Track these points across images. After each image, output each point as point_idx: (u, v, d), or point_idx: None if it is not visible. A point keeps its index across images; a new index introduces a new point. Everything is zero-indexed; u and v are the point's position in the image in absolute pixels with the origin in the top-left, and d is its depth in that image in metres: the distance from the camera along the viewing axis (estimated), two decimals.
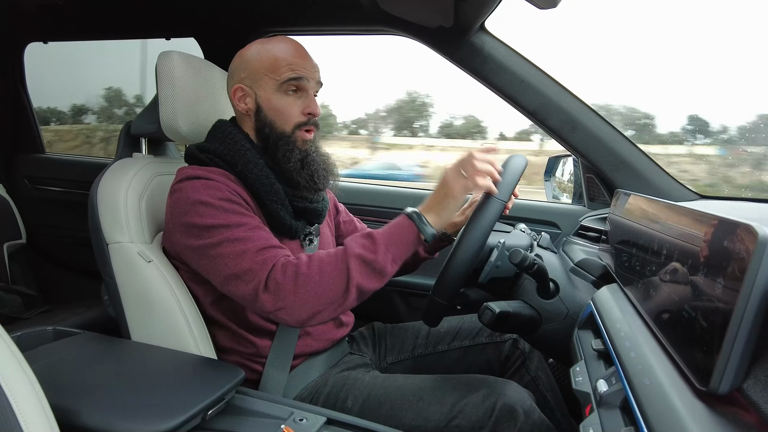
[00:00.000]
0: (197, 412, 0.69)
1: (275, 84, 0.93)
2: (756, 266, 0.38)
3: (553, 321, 0.88)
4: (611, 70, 19.63)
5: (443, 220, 0.85)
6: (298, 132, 0.96)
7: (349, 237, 0.87)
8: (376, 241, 0.83)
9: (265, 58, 0.94)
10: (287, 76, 0.92)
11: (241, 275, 0.81)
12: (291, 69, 0.93)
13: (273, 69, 0.93)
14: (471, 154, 0.84)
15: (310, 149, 0.97)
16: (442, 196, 0.85)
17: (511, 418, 0.81)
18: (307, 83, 0.95)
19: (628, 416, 0.51)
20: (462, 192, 0.84)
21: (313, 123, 0.97)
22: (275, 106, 0.94)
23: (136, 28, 1.74)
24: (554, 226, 1.46)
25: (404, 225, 0.85)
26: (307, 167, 0.96)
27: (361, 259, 0.81)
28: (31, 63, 2.00)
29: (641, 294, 0.67)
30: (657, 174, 1.26)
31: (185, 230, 0.86)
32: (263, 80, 0.94)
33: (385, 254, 0.82)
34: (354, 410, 0.90)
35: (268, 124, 0.95)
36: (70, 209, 1.92)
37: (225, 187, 0.87)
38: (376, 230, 0.86)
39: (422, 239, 0.85)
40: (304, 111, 0.95)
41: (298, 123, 0.95)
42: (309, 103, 0.95)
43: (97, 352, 0.89)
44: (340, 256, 0.82)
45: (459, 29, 1.24)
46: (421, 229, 0.84)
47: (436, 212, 0.85)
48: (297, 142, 0.96)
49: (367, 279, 0.81)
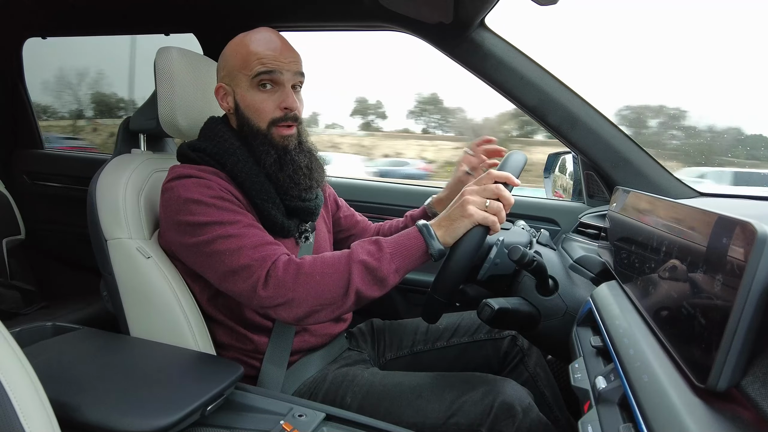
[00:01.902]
0: (196, 407, 0.69)
1: (247, 80, 0.91)
2: (755, 264, 0.38)
3: (552, 318, 0.88)
4: (611, 67, 19.64)
5: (451, 238, 0.82)
6: (275, 128, 0.93)
7: (357, 241, 0.85)
8: (383, 249, 0.82)
9: (239, 54, 0.91)
10: (257, 71, 0.89)
11: (239, 271, 0.81)
12: (261, 63, 0.89)
13: (245, 65, 0.91)
14: (498, 186, 0.82)
15: (289, 146, 0.94)
16: (458, 214, 0.82)
17: (509, 415, 0.81)
18: (281, 76, 0.91)
19: (626, 413, 0.51)
20: (480, 219, 0.80)
21: (292, 117, 0.93)
22: (249, 103, 0.92)
23: (135, 23, 1.73)
24: (553, 222, 1.46)
25: (413, 237, 0.83)
26: (286, 167, 0.93)
27: (364, 265, 0.81)
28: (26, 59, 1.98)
29: (640, 291, 0.67)
30: (656, 171, 1.26)
31: (179, 228, 0.86)
32: (238, 77, 0.92)
33: (389, 264, 0.81)
34: (353, 406, 0.90)
35: (246, 123, 0.93)
36: (69, 205, 1.92)
37: (216, 186, 0.87)
38: (386, 238, 0.85)
39: (429, 254, 0.83)
40: (280, 105, 0.92)
41: (274, 119, 0.92)
42: (285, 98, 0.91)
43: (96, 347, 0.89)
44: (344, 259, 0.82)
45: (459, 25, 1.23)
46: (429, 244, 0.82)
47: (447, 230, 0.82)
48: (274, 140, 0.93)
49: (367, 285, 0.81)
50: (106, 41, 3.50)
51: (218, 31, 1.59)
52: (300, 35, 1.56)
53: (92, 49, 4.43)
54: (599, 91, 22.13)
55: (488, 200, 0.81)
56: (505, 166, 0.88)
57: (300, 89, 0.96)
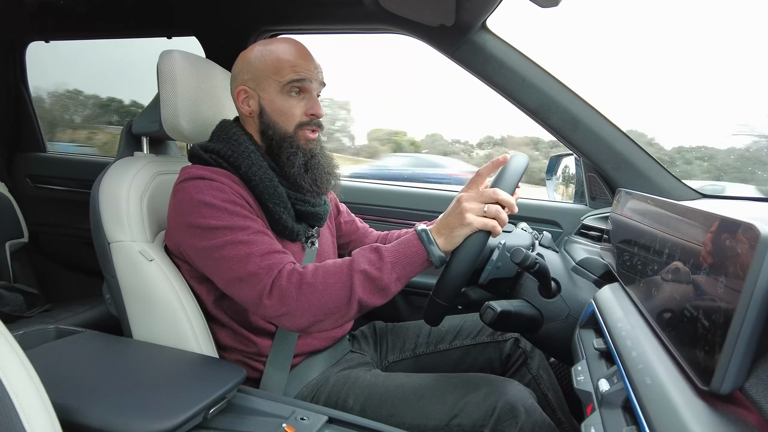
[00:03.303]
0: (198, 411, 0.69)
1: (278, 86, 0.93)
2: (758, 265, 0.38)
3: (555, 320, 0.88)
4: (613, 68, 19.61)
5: (451, 245, 0.81)
6: (301, 131, 0.96)
7: (357, 249, 0.85)
8: (383, 258, 0.82)
9: (268, 59, 0.94)
10: (290, 78, 0.93)
11: (246, 279, 0.81)
12: (294, 70, 0.93)
13: (276, 71, 0.93)
14: (494, 190, 0.81)
15: (315, 149, 0.97)
16: (457, 223, 0.80)
17: (512, 417, 0.81)
18: (310, 84, 0.95)
19: (629, 415, 0.51)
20: (480, 226, 0.79)
21: (316, 123, 0.97)
22: (278, 107, 0.94)
23: (138, 27, 1.74)
24: (556, 225, 1.46)
25: (413, 245, 0.82)
26: (311, 171, 0.96)
27: (365, 275, 0.80)
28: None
29: (643, 293, 0.67)
30: (659, 173, 1.25)
31: (189, 230, 0.86)
32: (266, 82, 0.94)
33: (390, 273, 0.81)
34: (355, 409, 0.90)
35: (271, 126, 0.95)
36: (72, 208, 1.93)
37: (229, 189, 0.87)
38: (385, 246, 0.84)
39: (429, 261, 0.82)
40: (307, 112, 0.96)
41: (301, 123, 0.95)
42: (312, 104, 0.96)
43: (99, 350, 0.90)
44: (346, 269, 0.81)
45: (460, 28, 1.24)
46: (429, 252, 0.81)
47: (446, 238, 0.81)
48: (300, 142, 0.96)
49: (369, 295, 0.81)
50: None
51: (220, 35, 1.60)
52: (302, 37, 1.57)
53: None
54: (601, 92, 21.98)
55: (486, 205, 0.80)
56: (506, 170, 0.88)
57: (319, 97, 1.00)
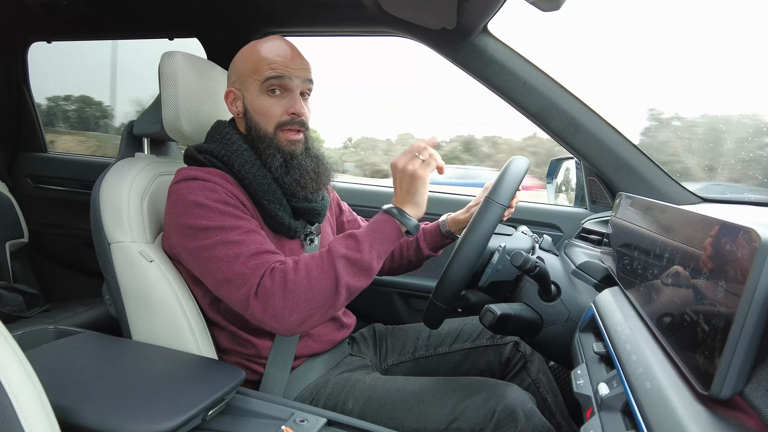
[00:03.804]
0: (197, 412, 0.69)
1: (257, 84, 0.93)
2: (758, 270, 0.38)
3: (555, 324, 0.88)
4: (614, 71, 19.51)
5: (421, 207, 0.86)
6: (281, 132, 0.94)
7: (331, 239, 0.86)
8: (360, 240, 0.83)
9: (250, 59, 0.94)
10: (267, 75, 0.92)
11: (233, 279, 0.81)
12: (271, 68, 0.91)
13: (255, 69, 0.93)
14: (415, 145, 0.86)
15: (296, 150, 0.95)
16: (407, 182, 0.85)
17: (511, 420, 0.81)
18: (290, 82, 0.93)
19: (629, 420, 0.51)
20: (424, 170, 0.84)
21: (299, 123, 0.95)
22: (257, 107, 0.94)
23: (139, 28, 1.75)
24: (556, 228, 1.46)
25: (384, 221, 0.85)
26: (292, 171, 0.94)
27: (347, 259, 0.81)
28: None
29: (643, 297, 0.67)
30: (659, 177, 1.25)
31: (181, 231, 0.86)
32: (248, 82, 0.94)
33: (370, 252, 0.83)
34: (354, 412, 0.90)
35: (253, 126, 0.95)
36: (72, 208, 1.93)
37: (222, 189, 0.87)
38: (357, 230, 0.86)
39: (404, 231, 0.86)
40: (287, 111, 0.93)
41: (280, 123, 0.94)
42: (293, 103, 0.93)
43: (98, 351, 0.89)
44: (327, 258, 0.82)
45: (462, 31, 1.24)
46: (402, 222, 0.85)
47: (410, 201, 0.85)
48: (280, 144, 0.94)
49: (355, 278, 0.82)
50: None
51: (222, 36, 1.60)
52: (302, 39, 1.57)
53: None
54: (601, 92, 21.90)
55: (416, 153, 0.84)
56: (507, 173, 0.88)
57: (309, 96, 0.98)
